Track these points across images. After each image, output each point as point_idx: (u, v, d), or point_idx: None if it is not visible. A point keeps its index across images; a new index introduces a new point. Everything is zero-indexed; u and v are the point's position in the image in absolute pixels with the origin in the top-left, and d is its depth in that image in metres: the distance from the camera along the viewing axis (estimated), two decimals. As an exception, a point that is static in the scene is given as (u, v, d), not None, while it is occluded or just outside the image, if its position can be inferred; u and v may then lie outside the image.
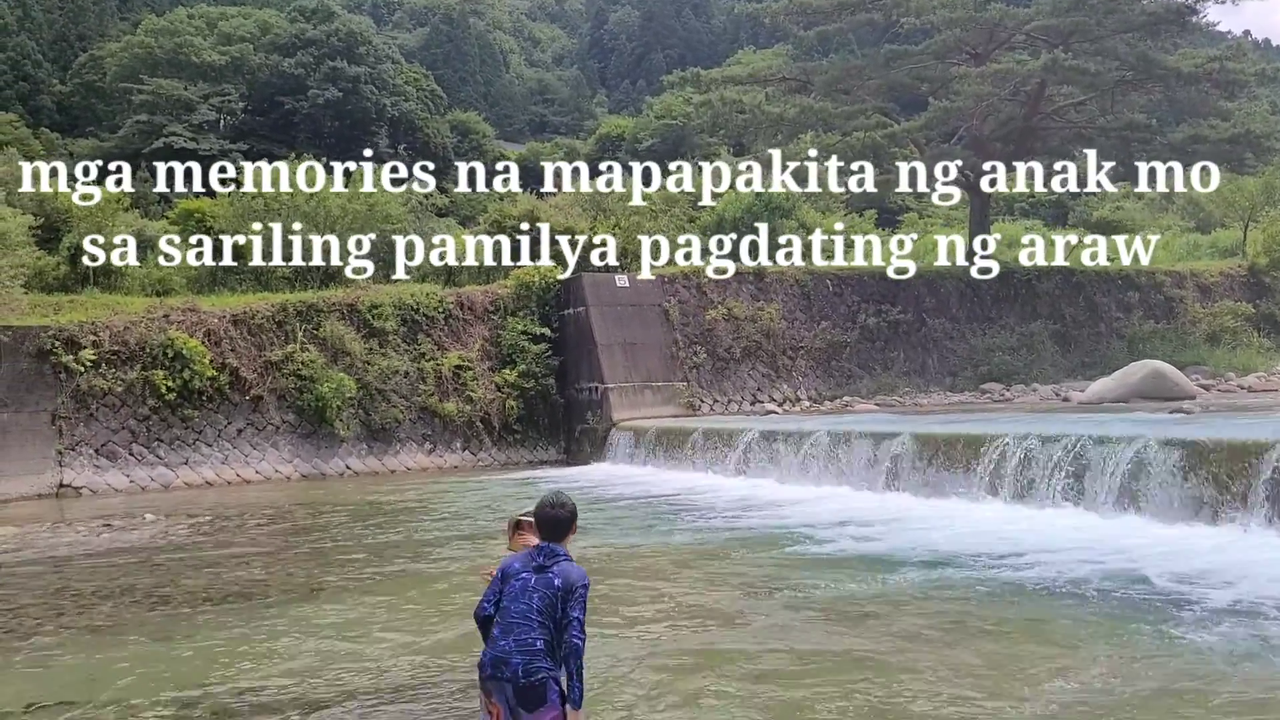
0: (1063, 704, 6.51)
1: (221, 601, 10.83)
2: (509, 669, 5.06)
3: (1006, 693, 6.76)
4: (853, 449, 18.03)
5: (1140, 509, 12.80)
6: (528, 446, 28.40)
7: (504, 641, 5.13)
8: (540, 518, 5.39)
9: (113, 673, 8.17)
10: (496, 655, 5.13)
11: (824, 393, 30.39)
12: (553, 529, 5.34)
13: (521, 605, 5.16)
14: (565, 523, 5.37)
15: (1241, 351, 33.56)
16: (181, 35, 65.51)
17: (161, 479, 23.89)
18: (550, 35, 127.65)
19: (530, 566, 5.28)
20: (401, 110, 67.87)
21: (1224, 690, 6.66)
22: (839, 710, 6.59)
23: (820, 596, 9.84)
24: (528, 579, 5.23)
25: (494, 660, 5.14)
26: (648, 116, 78.07)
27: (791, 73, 38.24)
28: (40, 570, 13.20)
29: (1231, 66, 32.59)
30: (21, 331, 23.48)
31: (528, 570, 5.26)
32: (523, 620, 5.13)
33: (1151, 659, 7.38)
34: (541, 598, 5.15)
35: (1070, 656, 7.53)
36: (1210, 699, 6.51)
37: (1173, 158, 34.45)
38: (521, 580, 5.25)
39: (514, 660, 5.06)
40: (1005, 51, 35.49)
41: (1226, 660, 7.25)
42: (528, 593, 5.18)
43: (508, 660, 5.07)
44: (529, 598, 5.16)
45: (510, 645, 5.09)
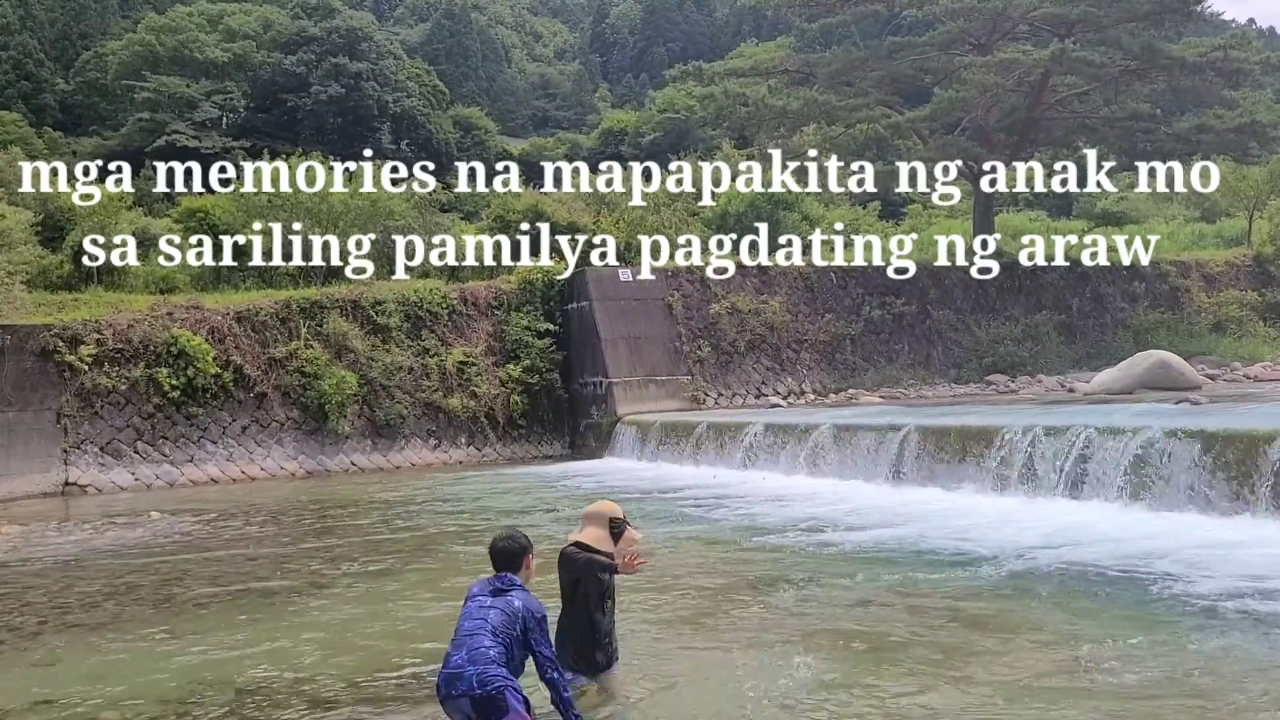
0: (1064, 692, 6.48)
1: (227, 598, 10.82)
2: (463, 683, 5.06)
3: (1014, 679, 6.73)
4: (859, 442, 17.99)
5: (1147, 499, 12.75)
6: (533, 441, 28.39)
7: (456, 656, 5.16)
8: (493, 550, 5.65)
9: (118, 670, 8.16)
10: (449, 673, 5.14)
11: (828, 385, 30.35)
12: (505, 560, 5.60)
13: (475, 621, 5.27)
14: (516, 554, 5.62)
15: (1247, 341, 33.48)
16: (183, 32, 65.54)
17: (166, 477, 23.91)
18: (552, 30, 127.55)
19: (487, 590, 5.48)
20: (404, 106, 67.83)
21: (1227, 670, 6.62)
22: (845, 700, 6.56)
23: (827, 589, 9.81)
24: (484, 600, 5.38)
25: (447, 679, 5.14)
26: (650, 110, 77.98)
27: (794, 65, 38.12)
28: (46, 568, 13.20)
29: (1236, 55, 32.42)
30: (25, 330, 23.50)
31: (484, 594, 5.41)
32: (476, 632, 5.20)
33: (1159, 647, 7.34)
34: (499, 614, 5.28)
35: (1067, 648, 7.49)
36: (1221, 685, 6.47)
37: (1177, 148, 34.32)
38: (477, 601, 5.40)
39: (468, 671, 5.07)
40: (1009, 42, 35.35)
41: (1236, 649, 7.21)
42: (483, 610, 5.31)
43: (461, 674, 5.09)
44: (484, 614, 5.28)
45: (463, 658, 5.13)
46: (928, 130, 35.74)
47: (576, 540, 6.39)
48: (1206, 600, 8.57)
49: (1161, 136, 33.98)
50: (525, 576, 5.62)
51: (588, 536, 6.36)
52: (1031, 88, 34.09)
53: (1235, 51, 32.50)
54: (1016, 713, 6.22)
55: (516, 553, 5.61)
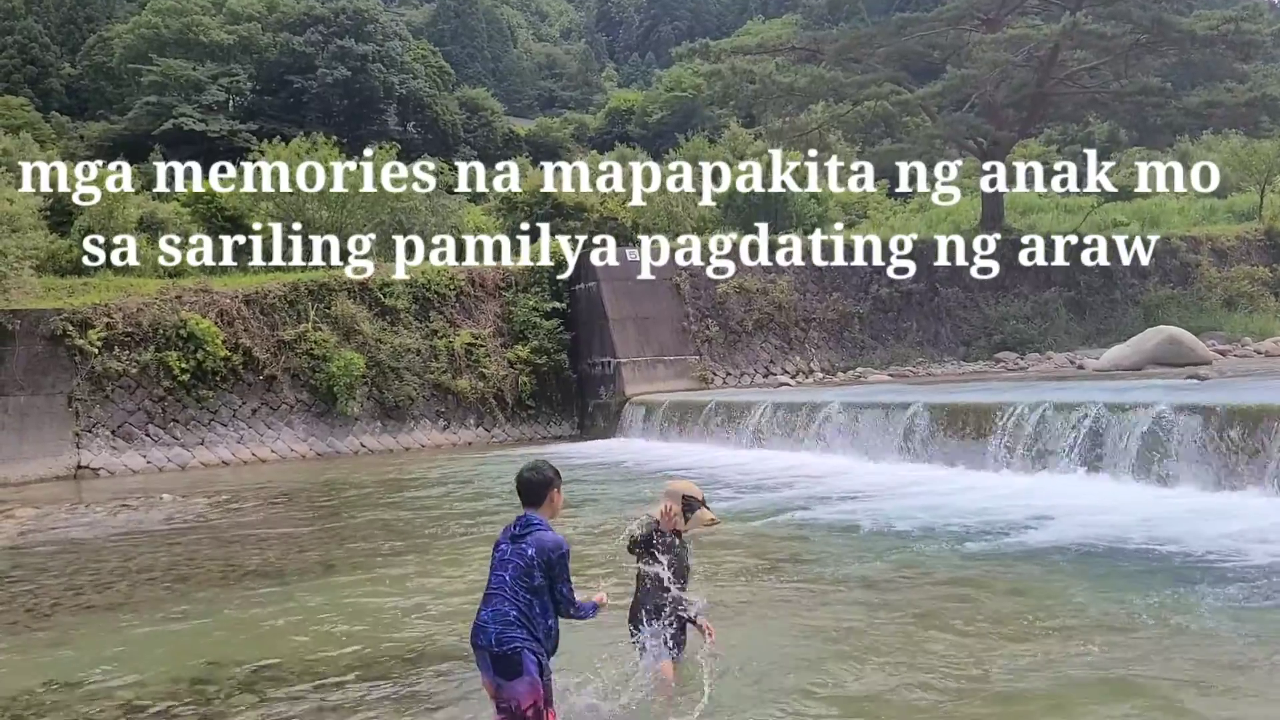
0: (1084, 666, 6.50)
1: (238, 579, 10.89)
2: (484, 636, 5.17)
3: (1025, 662, 6.75)
4: (868, 420, 17.98)
5: (1156, 475, 12.72)
6: (541, 422, 28.45)
7: (483, 611, 5.25)
8: (518, 483, 5.45)
9: (131, 650, 8.23)
10: (476, 624, 5.25)
11: (837, 364, 30.31)
12: (528, 493, 5.39)
13: (498, 576, 5.27)
14: (540, 486, 5.40)
15: (1258, 316, 33.29)
16: (189, 15, 65.43)
17: (178, 459, 24.04)
18: (558, 9, 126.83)
19: (507, 537, 5.34)
20: (410, 88, 67.70)
21: (1227, 649, 6.63)
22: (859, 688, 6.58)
23: (836, 568, 9.84)
24: (505, 549, 5.31)
25: (475, 629, 5.26)
26: (657, 90, 77.67)
27: (802, 42, 37.91)
28: (59, 550, 13.30)
29: (1247, 28, 32.12)
30: (35, 315, 23.61)
31: (505, 541, 5.33)
32: (497, 590, 5.22)
33: (1171, 622, 7.34)
34: (515, 568, 5.22)
35: (1077, 617, 7.50)
36: (1227, 664, 6.49)
37: (1188, 122, 34.07)
38: (500, 551, 5.34)
39: (489, 629, 5.16)
40: (1017, 16, 35.07)
41: (1245, 625, 7.21)
42: (504, 563, 5.27)
43: (485, 629, 5.18)
44: (504, 568, 5.26)
45: (487, 615, 5.21)
46: (936, 107, 35.53)
47: (650, 516, 6.40)
48: (1217, 574, 8.57)
49: (1172, 111, 33.73)
50: (550, 511, 5.42)
51: (660, 511, 6.37)
52: (1040, 63, 33.82)
53: (1247, 24, 32.20)
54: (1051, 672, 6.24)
55: (541, 484, 5.39)
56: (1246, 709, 5.83)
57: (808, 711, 6.06)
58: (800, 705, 6.15)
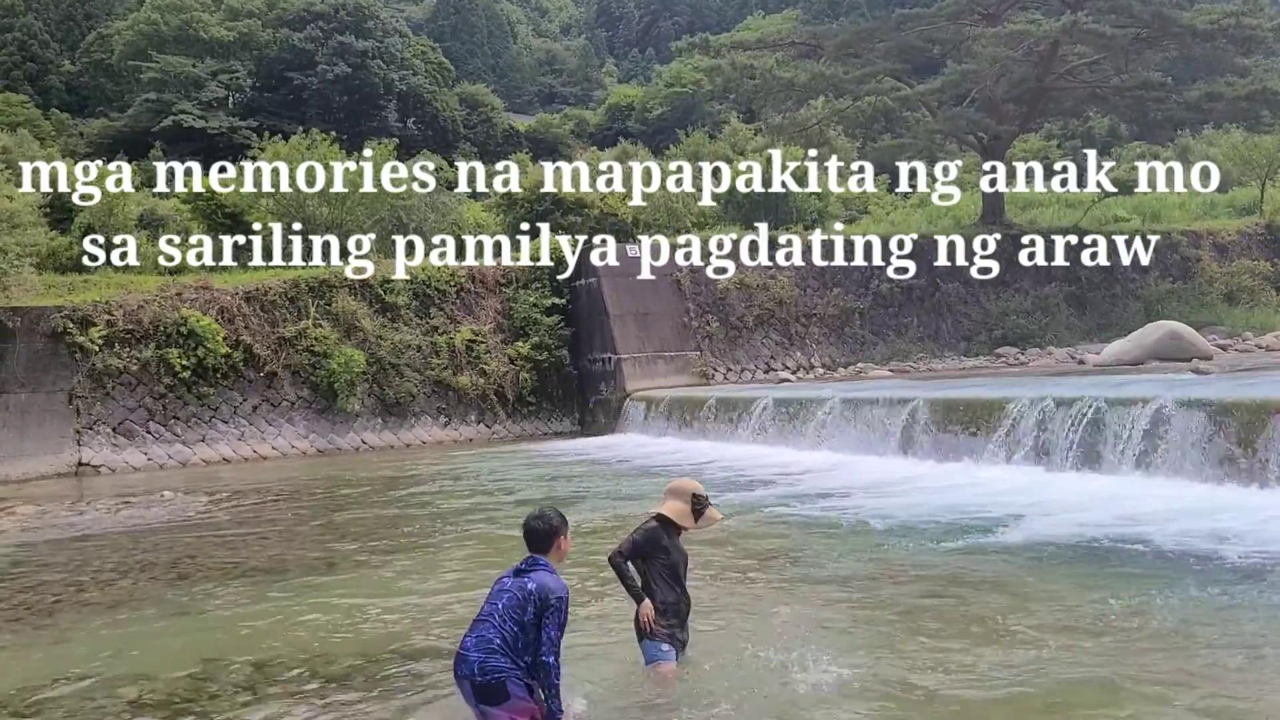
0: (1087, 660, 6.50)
1: (240, 576, 10.90)
2: (466, 666, 5.17)
3: (1025, 650, 6.75)
4: (869, 415, 17.98)
5: (1157, 469, 12.72)
6: (542, 418, 28.45)
7: (467, 639, 5.25)
8: (525, 531, 5.52)
9: (133, 647, 8.25)
10: (459, 654, 5.25)
11: (837, 359, 30.31)
12: (535, 541, 5.48)
13: (490, 604, 5.31)
14: (546, 535, 5.48)
15: (1259, 310, 33.23)
16: (189, 11, 65.42)
17: (179, 456, 24.05)
18: (558, 5, 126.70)
19: (511, 571, 5.43)
20: (410, 84, 67.63)
21: (1227, 637, 6.64)
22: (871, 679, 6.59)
23: (834, 564, 9.85)
24: (506, 582, 5.36)
25: (457, 659, 5.26)
26: (657, 85, 77.59)
27: (802, 37, 37.88)
28: (61, 547, 13.31)
29: (1248, 22, 32.04)
30: (35, 312, 23.60)
31: (508, 575, 5.38)
32: (486, 618, 5.24)
33: (1168, 615, 7.35)
34: (511, 598, 5.22)
35: (1074, 614, 7.51)
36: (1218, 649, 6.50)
37: (1188, 116, 33.96)
38: (500, 583, 5.38)
39: (471, 657, 5.15)
40: (1017, 11, 35.00)
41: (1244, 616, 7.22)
42: (500, 593, 5.30)
43: (466, 658, 5.18)
44: (499, 597, 5.28)
45: (470, 643, 5.21)
46: (936, 102, 35.48)
47: (658, 514, 6.38)
48: (1218, 567, 8.58)
49: (1172, 105, 33.66)
50: (557, 557, 5.50)
51: (669, 510, 6.36)
52: (1041, 58, 33.77)
53: (1247, 18, 32.13)
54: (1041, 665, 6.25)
55: (547, 533, 5.47)
56: (1246, 708, 5.83)
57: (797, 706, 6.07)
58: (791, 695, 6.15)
